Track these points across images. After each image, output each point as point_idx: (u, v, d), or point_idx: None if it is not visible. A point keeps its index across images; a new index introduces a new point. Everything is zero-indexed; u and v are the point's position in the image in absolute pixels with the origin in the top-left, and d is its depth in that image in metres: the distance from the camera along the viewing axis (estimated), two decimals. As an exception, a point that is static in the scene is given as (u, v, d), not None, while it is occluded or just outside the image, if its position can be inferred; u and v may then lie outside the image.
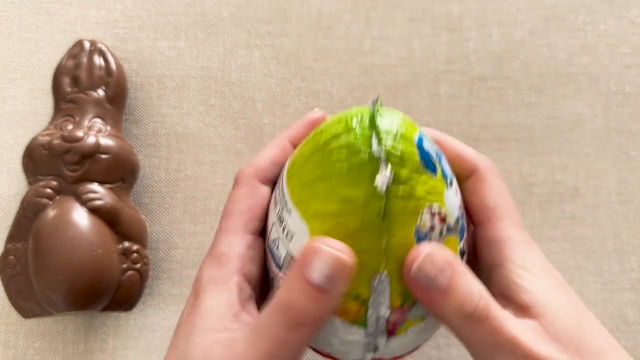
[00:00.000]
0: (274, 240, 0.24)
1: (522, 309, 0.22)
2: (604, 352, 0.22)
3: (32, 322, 0.35)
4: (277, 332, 0.20)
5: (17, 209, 0.34)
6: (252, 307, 0.24)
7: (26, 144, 0.35)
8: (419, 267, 0.21)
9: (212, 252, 0.25)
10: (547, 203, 0.37)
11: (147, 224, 0.36)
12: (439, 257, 0.21)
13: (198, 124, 0.38)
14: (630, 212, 0.37)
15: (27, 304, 0.33)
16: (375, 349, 0.23)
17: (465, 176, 0.26)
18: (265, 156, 0.26)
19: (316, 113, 0.28)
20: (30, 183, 0.34)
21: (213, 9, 0.40)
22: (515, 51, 0.40)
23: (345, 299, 0.22)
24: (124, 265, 0.33)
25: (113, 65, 0.36)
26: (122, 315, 0.35)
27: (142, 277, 0.34)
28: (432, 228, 0.22)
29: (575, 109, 0.39)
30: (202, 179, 0.37)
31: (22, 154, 0.36)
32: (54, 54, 0.39)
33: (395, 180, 0.21)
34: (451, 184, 0.24)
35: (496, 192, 0.25)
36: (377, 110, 0.22)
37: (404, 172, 0.21)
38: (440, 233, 0.22)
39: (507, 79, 0.39)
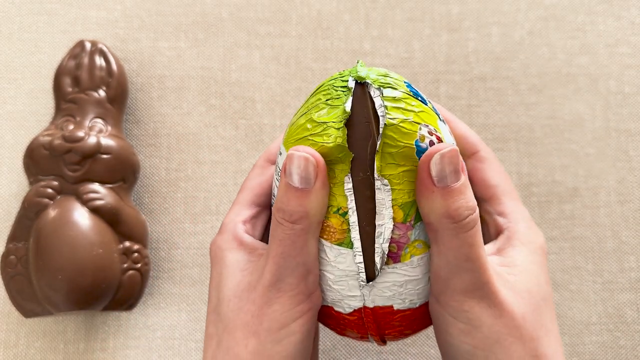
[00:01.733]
0: (273, 194, 0.27)
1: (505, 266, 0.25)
2: (547, 331, 0.24)
3: (32, 322, 0.35)
4: (278, 233, 0.24)
5: (18, 209, 0.34)
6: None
7: (27, 144, 0.35)
8: (442, 156, 0.22)
9: (221, 225, 0.28)
10: (546, 203, 0.37)
11: (148, 223, 0.37)
12: (461, 159, 0.23)
13: (198, 124, 0.38)
14: (629, 212, 0.37)
15: (27, 304, 0.33)
16: (372, 277, 0.24)
17: (467, 156, 0.28)
18: (277, 142, 0.29)
19: None
20: (31, 183, 0.34)
21: (213, 10, 0.40)
22: (515, 51, 0.40)
23: (329, 216, 0.24)
24: (125, 265, 0.33)
25: (114, 66, 0.36)
26: (123, 314, 0.35)
27: (143, 276, 0.34)
28: (431, 144, 0.23)
29: (575, 109, 0.39)
30: (202, 179, 0.37)
31: (23, 154, 0.36)
32: (55, 54, 0.39)
33: (390, 98, 0.23)
34: (444, 122, 0.25)
35: (497, 171, 0.28)
36: (359, 63, 0.25)
37: (397, 93, 0.23)
38: None
39: (507, 79, 0.39)
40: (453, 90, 0.39)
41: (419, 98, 0.24)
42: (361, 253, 0.23)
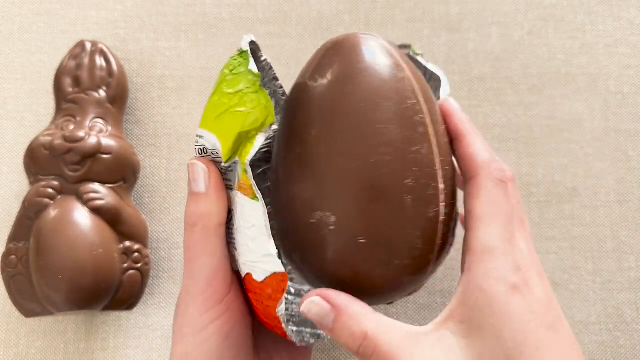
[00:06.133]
0: None
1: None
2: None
3: (33, 322, 0.35)
4: (184, 240, 0.26)
5: (19, 209, 0.34)
6: None
7: (27, 144, 0.35)
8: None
9: None
10: (545, 203, 0.38)
11: (148, 223, 0.37)
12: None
13: (199, 124, 0.38)
14: (628, 212, 0.38)
15: (28, 304, 0.33)
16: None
17: (467, 179, 0.25)
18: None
19: None
20: (31, 183, 0.34)
21: (213, 10, 0.40)
22: (514, 52, 0.40)
23: (241, 173, 0.25)
24: (125, 265, 0.33)
25: (114, 66, 0.36)
26: (123, 314, 0.35)
27: (143, 276, 0.34)
28: None
29: (574, 109, 0.39)
30: (202, 179, 0.37)
31: (23, 154, 0.36)
32: (55, 54, 0.39)
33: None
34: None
35: (489, 202, 0.24)
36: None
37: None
38: None
39: (506, 80, 0.39)
40: (453, 90, 0.39)
41: None
42: (264, 204, 0.24)
